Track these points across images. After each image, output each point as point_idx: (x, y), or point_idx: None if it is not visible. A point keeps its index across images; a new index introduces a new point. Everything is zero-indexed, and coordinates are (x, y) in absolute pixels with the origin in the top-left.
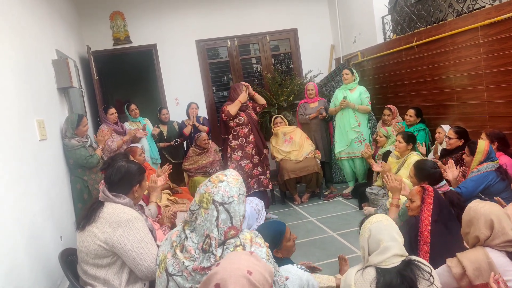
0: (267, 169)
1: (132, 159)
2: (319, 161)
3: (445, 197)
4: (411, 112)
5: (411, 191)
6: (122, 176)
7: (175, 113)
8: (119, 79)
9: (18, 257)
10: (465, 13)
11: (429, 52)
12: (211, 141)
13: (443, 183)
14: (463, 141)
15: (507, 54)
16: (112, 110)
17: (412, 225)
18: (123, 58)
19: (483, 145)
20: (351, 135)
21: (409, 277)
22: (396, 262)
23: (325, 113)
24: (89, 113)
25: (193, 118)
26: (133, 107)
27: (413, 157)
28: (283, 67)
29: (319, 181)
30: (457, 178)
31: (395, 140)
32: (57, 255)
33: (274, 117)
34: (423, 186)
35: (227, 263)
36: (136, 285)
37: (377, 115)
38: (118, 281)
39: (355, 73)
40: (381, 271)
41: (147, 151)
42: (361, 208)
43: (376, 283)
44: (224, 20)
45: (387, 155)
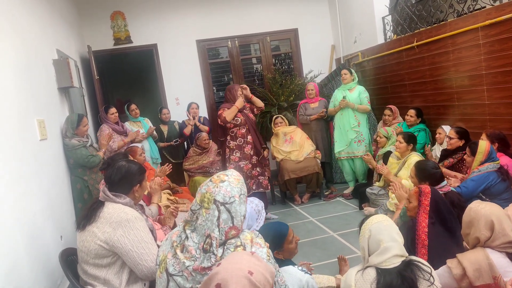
0: (266, 170)
1: (132, 159)
2: (319, 161)
3: (446, 197)
4: (412, 112)
5: (410, 192)
6: (122, 176)
7: (176, 113)
8: (120, 79)
9: (18, 257)
10: (466, 13)
11: (429, 52)
12: (211, 141)
13: (444, 183)
14: (463, 142)
15: (508, 54)
16: (112, 109)
17: (409, 227)
18: (123, 58)
19: (484, 145)
20: (351, 135)
21: (409, 278)
22: (396, 262)
23: (323, 112)
24: (90, 113)
25: (193, 118)
26: (133, 107)
27: (413, 158)
28: (283, 67)
29: (319, 181)
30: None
31: (396, 140)
32: (57, 255)
33: (274, 117)
34: (420, 187)
35: (228, 263)
36: (136, 285)
37: (377, 115)
38: (118, 281)
39: (354, 73)
40: (381, 272)
41: (148, 151)
42: (361, 208)
43: (376, 283)
44: (224, 20)
45: (387, 155)
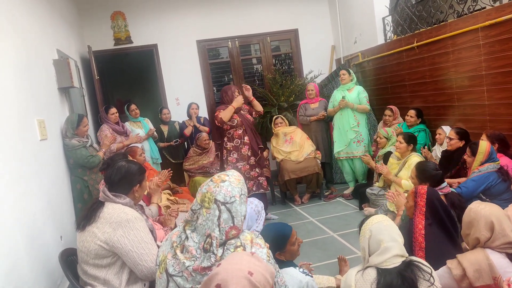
0: (266, 171)
1: (132, 159)
2: (319, 162)
3: (446, 198)
4: (412, 112)
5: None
6: (122, 176)
7: (176, 113)
8: (120, 79)
9: (18, 257)
10: (466, 14)
11: (429, 53)
12: (211, 141)
13: (444, 184)
14: (464, 142)
15: (508, 55)
16: (113, 110)
17: (406, 230)
18: (124, 58)
19: (484, 145)
20: (350, 135)
21: (409, 278)
22: (396, 262)
23: (323, 112)
24: (90, 113)
25: (194, 118)
26: (133, 107)
27: (413, 158)
28: (283, 68)
29: (319, 182)
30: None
31: (396, 141)
32: (57, 255)
33: (274, 117)
34: (416, 187)
35: (228, 263)
36: (136, 285)
37: (377, 115)
38: (118, 281)
39: (352, 74)
40: (382, 272)
41: (148, 151)
42: (361, 208)
43: (376, 283)
44: (225, 20)
45: (387, 156)
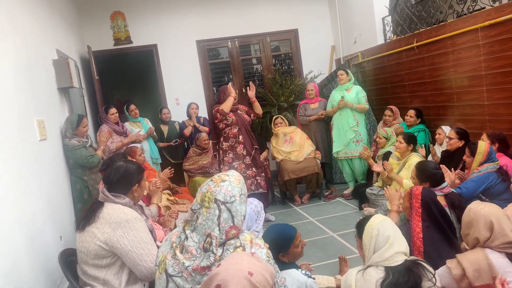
0: (263, 170)
1: (131, 159)
2: (319, 162)
3: (446, 199)
4: (411, 112)
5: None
6: (120, 176)
7: (176, 113)
8: (120, 79)
9: (18, 257)
10: (465, 14)
11: (429, 53)
12: (211, 141)
13: (444, 184)
14: (463, 142)
15: (507, 55)
16: (113, 110)
17: (405, 232)
18: (123, 58)
19: (483, 146)
20: (350, 134)
21: (417, 275)
22: (399, 260)
23: (323, 115)
24: (90, 113)
25: (193, 118)
26: (132, 107)
27: (414, 158)
28: (283, 68)
29: (319, 182)
30: (454, 181)
31: (396, 141)
32: (56, 255)
33: (274, 117)
34: (411, 188)
35: (228, 264)
36: (135, 285)
37: (377, 115)
38: (117, 282)
39: (350, 74)
40: (388, 270)
41: (147, 151)
42: (361, 208)
43: (382, 281)
44: (224, 20)
45: (387, 156)
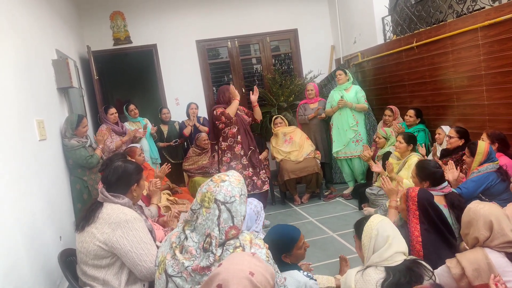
0: (261, 170)
1: (131, 159)
2: (319, 162)
3: (446, 199)
4: (411, 112)
5: (401, 193)
6: (119, 176)
7: (176, 113)
8: (119, 79)
9: (18, 257)
10: (465, 14)
11: (429, 53)
12: (210, 141)
13: (445, 184)
14: (463, 141)
15: (507, 55)
16: (112, 110)
17: (403, 234)
18: (123, 58)
19: (483, 146)
20: (350, 134)
21: (418, 274)
22: (399, 260)
23: (320, 107)
24: (89, 113)
25: (193, 118)
26: (132, 107)
27: (413, 158)
28: (283, 68)
29: (319, 182)
30: (458, 179)
31: (395, 141)
32: (56, 255)
33: (274, 117)
34: (407, 189)
35: (229, 264)
36: (135, 285)
37: (377, 115)
38: (117, 282)
39: (349, 74)
40: (389, 270)
41: (147, 151)
42: (361, 208)
43: (382, 281)
44: (224, 20)
45: (387, 156)
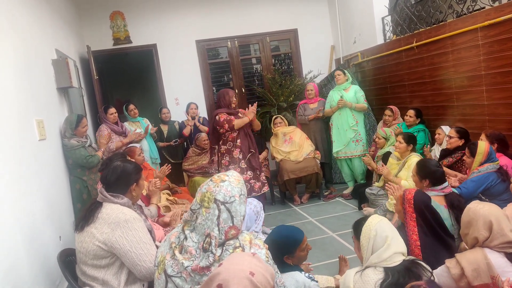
0: (259, 173)
1: (130, 159)
2: (318, 162)
3: (446, 199)
4: (411, 112)
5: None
6: (118, 176)
7: (176, 113)
8: (119, 79)
9: (17, 257)
10: (465, 14)
11: (428, 53)
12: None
13: (445, 184)
14: (463, 141)
15: (507, 55)
16: (112, 110)
17: (402, 236)
18: (123, 58)
19: (483, 146)
20: (350, 134)
21: (417, 274)
22: (397, 260)
23: (320, 112)
24: (89, 113)
25: (192, 118)
26: (131, 107)
27: (413, 159)
28: (283, 68)
29: (318, 182)
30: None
31: (395, 141)
32: (56, 255)
33: (274, 117)
34: (404, 191)
35: (229, 264)
36: (135, 285)
37: (377, 115)
38: (116, 282)
39: (348, 74)
40: (388, 270)
41: (147, 151)
42: (360, 208)
43: (381, 282)
44: (224, 20)
45: (387, 156)
